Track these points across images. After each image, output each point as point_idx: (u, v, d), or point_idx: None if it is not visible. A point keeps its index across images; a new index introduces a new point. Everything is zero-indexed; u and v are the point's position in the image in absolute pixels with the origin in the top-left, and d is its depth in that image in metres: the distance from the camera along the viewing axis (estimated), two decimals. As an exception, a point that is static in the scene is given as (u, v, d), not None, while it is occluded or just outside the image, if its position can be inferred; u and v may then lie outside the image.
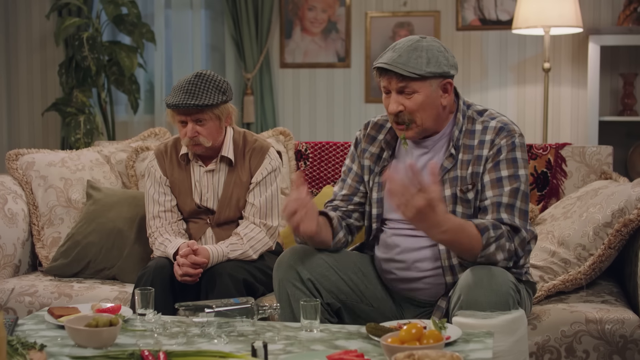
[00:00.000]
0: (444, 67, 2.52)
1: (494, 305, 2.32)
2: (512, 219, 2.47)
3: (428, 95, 2.52)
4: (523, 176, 2.52)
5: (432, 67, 2.50)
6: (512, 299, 2.36)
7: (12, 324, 2.38)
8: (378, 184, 2.69)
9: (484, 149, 2.55)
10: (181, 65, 5.72)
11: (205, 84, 3.03)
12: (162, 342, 2.23)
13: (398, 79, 2.50)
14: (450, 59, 2.55)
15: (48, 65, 5.88)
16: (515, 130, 2.56)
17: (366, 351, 2.12)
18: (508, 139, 2.53)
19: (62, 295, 3.18)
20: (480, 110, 2.63)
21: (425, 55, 2.50)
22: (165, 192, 3.18)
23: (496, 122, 2.57)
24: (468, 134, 2.59)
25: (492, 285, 2.34)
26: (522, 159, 2.54)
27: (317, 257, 2.62)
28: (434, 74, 2.51)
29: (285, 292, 2.58)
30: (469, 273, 2.41)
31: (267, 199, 3.14)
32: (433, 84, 2.52)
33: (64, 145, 5.56)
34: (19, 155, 3.63)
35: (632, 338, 2.68)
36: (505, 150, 2.53)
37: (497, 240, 2.42)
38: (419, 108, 2.52)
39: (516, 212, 2.48)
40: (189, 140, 3.07)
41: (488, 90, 5.35)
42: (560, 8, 4.74)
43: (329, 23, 5.51)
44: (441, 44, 2.57)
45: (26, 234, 3.51)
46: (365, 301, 2.67)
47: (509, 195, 2.49)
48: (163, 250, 3.08)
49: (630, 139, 5.12)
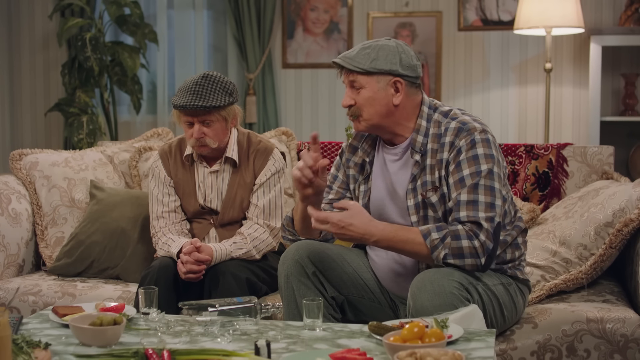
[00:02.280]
0: (392, 65, 2.54)
1: (439, 308, 2.33)
2: (474, 215, 2.45)
3: (375, 91, 2.55)
4: (485, 170, 2.48)
5: (378, 64, 2.54)
6: (457, 298, 2.37)
7: (17, 322, 2.39)
8: (363, 191, 2.72)
9: (444, 152, 2.55)
10: (184, 66, 5.74)
11: (212, 85, 3.04)
12: (166, 341, 2.24)
13: (346, 73, 2.58)
14: (404, 60, 2.56)
15: (51, 65, 5.90)
16: (476, 127, 2.53)
17: (369, 350, 2.13)
18: (467, 137, 2.52)
19: (66, 294, 3.19)
20: (445, 112, 2.62)
21: (375, 53, 2.55)
22: (169, 193, 3.19)
23: (456, 123, 2.56)
24: (435, 137, 2.58)
25: (434, 288, 2.37)
26: (485, 154, 2.50)
27: (321, 252, 2.65)
28: (380, 71, 2.54)
29: (290, 288, 2.60)
30: (416, 279, 2.44)
31: (271, 200, 3.15)
32: (380, 80, 2.55)
33: (67, 146, 5.57)
34: (22, 155, 3.64)
35: (633, 337, 2.69)
36: (464, 150, 2.51)
37: (442, 240, 2.43)
38: (365, 103, 2.57)
39: (480, 207, 2.45)
40: (195, 141, 3.08)
41: (490, 91, 5.36)
42: (562, 8, 4.74)
43: (331, 23, 5.52)
44: (403, 46, 2.59)
45: (30, 234, 3.52)
46: (367, 296, 2.71)
47: (467, 192, 2.47)
48: (166, 250, 3.09)
49: (631, 139, 5.13)
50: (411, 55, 2.59)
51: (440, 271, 2.43)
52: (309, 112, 5.59)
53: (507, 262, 2.62)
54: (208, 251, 3.00)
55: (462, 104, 5.35)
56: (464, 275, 2.45)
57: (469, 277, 2.46)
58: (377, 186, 2.68)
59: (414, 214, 2.59)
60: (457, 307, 2.35)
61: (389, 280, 2.70)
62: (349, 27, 5.48)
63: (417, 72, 2.59)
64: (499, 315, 2.57)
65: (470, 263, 2.44)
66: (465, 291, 2.42)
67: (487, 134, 2.54)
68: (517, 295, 2.63)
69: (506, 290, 2.58)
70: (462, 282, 2.42)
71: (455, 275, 2.42)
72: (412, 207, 2.59)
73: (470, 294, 2.44)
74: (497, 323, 2.56)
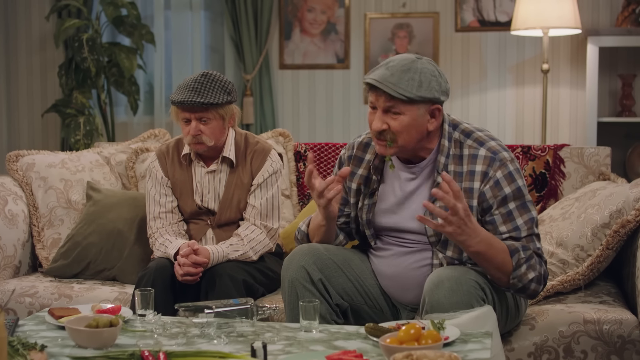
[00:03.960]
0: (435, 92, 2.47)
1: (455, 305, 2.33)
2: (533, 247, 2.50)
3: (414, 118, 2.47)
4: (530, 202, 2.53)
5: (422, 92, 2.45)
6: (474, 297, 2.36)
7: (12, 324, 2.38)
8: (368, 205, 2.68)
9: (475, 181, 2.52)
10: (181, 67, 5.73)
11: (211, 83, 3.04)
12: (162, 343, 2.24)
13: (386, 98, 2.46)
14: (442, 85, 2.50)
15: (48, 66, 5.89)
16: (506, 157, 2.52)
17: (365, 351, 2.13)
18: (503, 169, 2.50)
19: (62, 296, 3.19)
20: (467, 132, 2.58)
21: (418, 78, 2.45)
22: (166, 193, 3.19)
23: (485, 151, 2.53)
24: (456, 159, 2.55)
25: (452, 285, 2.36)
26: (523, 185, 2.53)
27: (326, 258, 2.63)
28: (424, 99, 2.46)
29: (294, 293, 2.58)
30: (432, 275, 2.43)
31: (268, 201, 3.15)
32: (421, 108, 2.47)
33: (64, 147, 5.57)
34: (19, 156, 3.64)
35: (630, 338, 2.69)
36: (505, 183, 2.50)
37: (528, 260, 2.45)
38: (403, 130, 2.48)
39: (535, 239, 2.52)
40: (192, 138, 3.08)
41: (487, 92, 5.36)
42: (559, 9, 4.75)
43: (328, 24, 5.52)
44: (436, 68, 2.52)
45: (26, 235, 3.52)
46: (369, 303, 2.69)
47: (527, 227, 2.50)
48: (163, 251, 3.09)
49: (628, 140, 5.14)
50: (445, 78, 2.54)
51: (457, 269, 2.43)
52: (306, 113, 5.59)
53: None
54: (205, 253, 3.00)
55: (459, 105, 5.35)
56: (479, 275, 2.46)
57: (484, 278, 2.47)
58: (386, 202, 2.65)
59: (433, 235, 2.56)
60: (473, 305, 2.34)
61: (391, 285, 2.69)
62: (346, 28, 5.48)
63: (448, 96, 2.55)
64: (504, 318, 2.58)
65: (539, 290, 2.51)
66: (481, 290, 2.42)
67: (515, 162, 2.55)
68: (520, 300, 2.64)
69: (512, 295, 2.60)
70: (478, 281, 2.43)
71: (471, 274, 2.43)
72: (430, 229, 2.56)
73: (486, 295, 2.44)
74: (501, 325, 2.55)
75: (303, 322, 2.33)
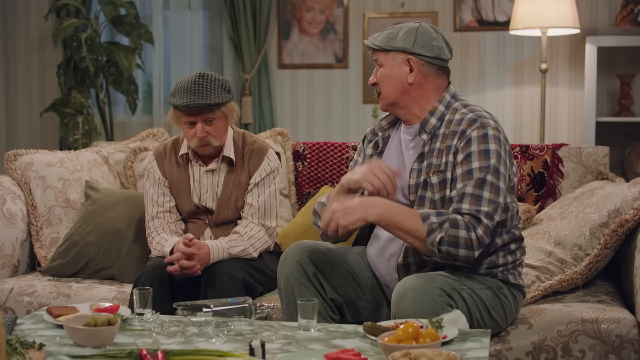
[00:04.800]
0: (405, 43, 2.60)
1: (420, 315, 2.32)
2: (475, 209, 2.44)
3: (390, 69, 2.62)
4: (493, 167, 2.48)
5: (393, 42, 2.60)
6: (439, 305, 2.36)
7: (11, 323, 2.38)
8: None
9: (454, 139, 2.55)
10: (179, 66, 5.73)
11: (210, 83, 3.04)
12: (160, 341, 2.24)
13: (372, 52, 2.67)
14: (420, 39, 2.60)
15: (46, 66, 5.89)
16: (490, 123, 2.54)
17: (363, 350, 2.14)
18: (480, 130, 2.52)
19: (61, 295, 3.19)
20: (466, 104, 2.65)
21: (395, 32, 2.62)
22: (164, 193, 3.19)
23: (472, 114, 2.57)
24: (448, 123, 2.61)
25: (416, 296, 2.36)
26: (496, 151, 2.51)
27: (321, 253, 2.65)
28: (395, 48, 2.60)
29: (290, 289, 2.60)
30: (398, 286, 2.43)
31: (266, 200, 3.15)
32: (395, 58, 2.61)
33: (63, 146, 5.57)
34: (17, 155, 3.64)
35: (628, 338, 2.69)
36: (475, 142, 2.51)
37: (440, 225, 2.41)
38: (382, 80, 2.64)
39: (483, 202, 2.45)
40: (199, 140, 3.07)
41: (485, 91, 5.36)
42: (557, 9, 4.75)
43: (327, 24, 5.52)
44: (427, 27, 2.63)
45: (25, 234, 3.52)
46: (364, 297, 2.70)
47: (473, 186, 2.47)
48: (160, 250, 3.09)
49: (627, 140, 5.14)
50: (432, 36, 2.62)
51: (422, 277, 2.42)
52: (304, 113, 5.59)
53: (498, 266, 2.59)
54: (204, 248, 2.99)
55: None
56: (447, 281, 2.44)
57: (453, 283, 2.45)
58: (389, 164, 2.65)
59: (413, 193, 2.60)
60: (438, 313, 2.33)
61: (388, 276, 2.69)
62: (345, 28, 5.48)
63: (434, 53, 2.61)
64: (487, 318, 2.54)
65: (463, 254, 2.42)
66: (447, 297, 2.40)
67: (499, 133, 2.56)
68: (508, 299, 2.60)
69: (494, 294, 2.56)
70: (444, 288, 2.41)
71: (437, 281, 2.41)
72: (412, 186, 2.60)
73: (453, 300, 2.42)
74: (486, 326, 2.54)
75: (301, 320, 2.34)
